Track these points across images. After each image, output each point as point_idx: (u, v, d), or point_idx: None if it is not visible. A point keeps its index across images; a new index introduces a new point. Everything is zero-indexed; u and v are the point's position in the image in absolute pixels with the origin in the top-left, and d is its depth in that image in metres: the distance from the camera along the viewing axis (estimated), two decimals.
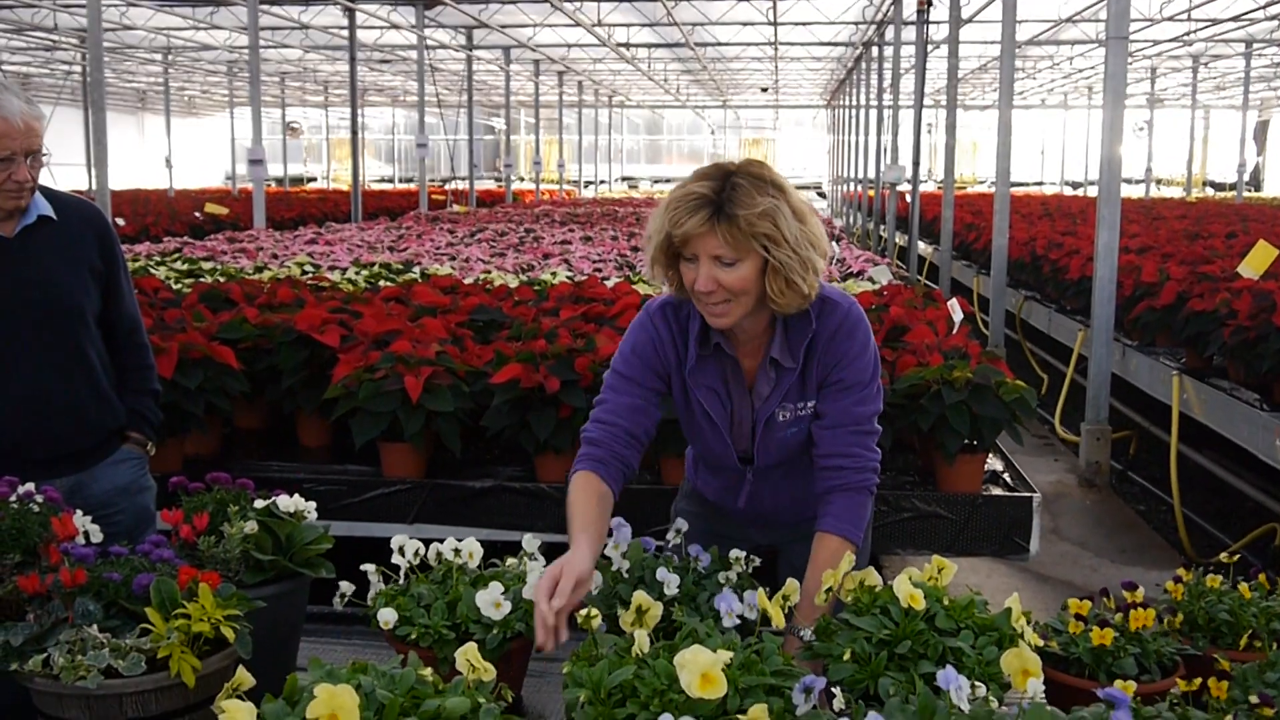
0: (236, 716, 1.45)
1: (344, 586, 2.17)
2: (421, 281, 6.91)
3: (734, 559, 2.25)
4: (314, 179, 42.70)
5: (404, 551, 2.20)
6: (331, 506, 4.29)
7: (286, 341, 4.79)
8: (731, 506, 2.50)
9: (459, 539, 2.22)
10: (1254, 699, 1.71)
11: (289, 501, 2.22)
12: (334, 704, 1.44)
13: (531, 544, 2.28)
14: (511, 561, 2.25)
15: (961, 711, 1.51)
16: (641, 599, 1.92)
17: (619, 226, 13.40)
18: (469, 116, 22.47)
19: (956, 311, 5.41)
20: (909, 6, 14.87)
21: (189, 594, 1.82)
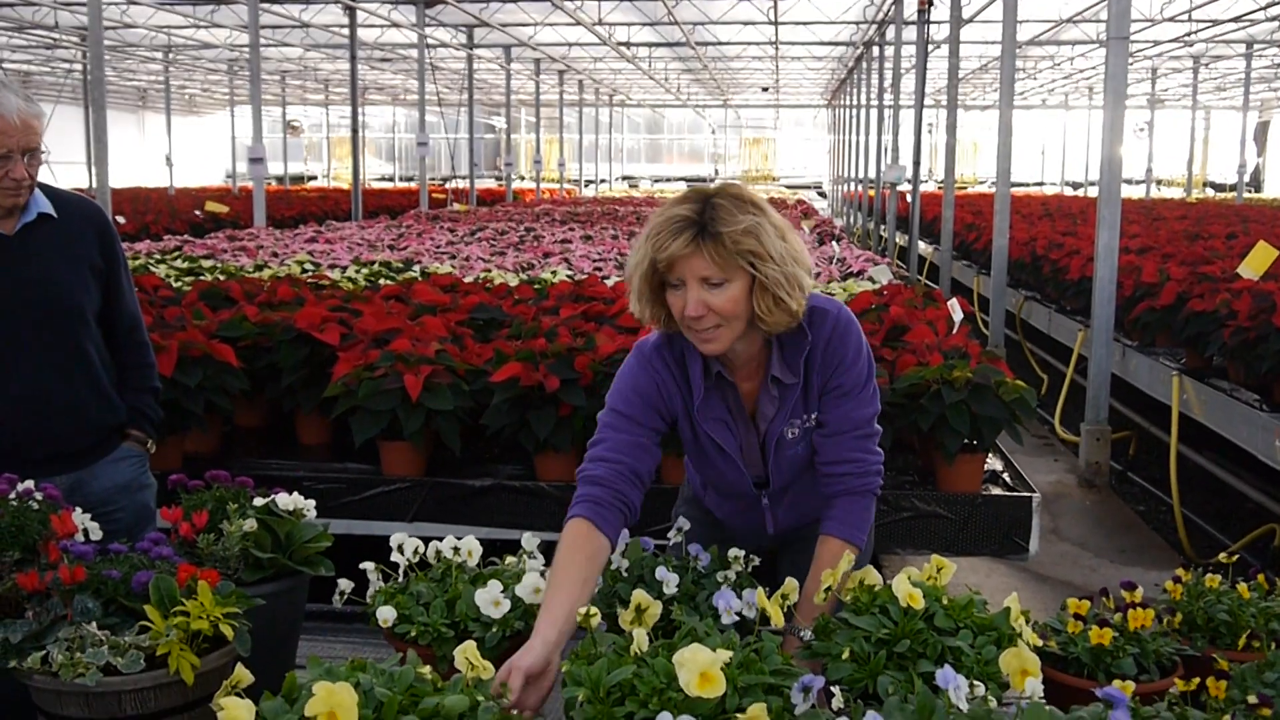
0: (235, 714, 1.45)
1: (343, 584, 2.17)
2: (421, 280, 6.90)
3: (733, 558, 2.25)
4: (314, 177, 42.69)
5: (403, 550, 2.20)
6: (331, 505, 4.30)
7: (286, 340, 4.79)
8: (745, 530, 2.48)
9: (458, 537, 2.22)
10: (1252, 699, 1.71)
11: (288, 499, 2.22)
12: (333, 702, 1.44)
13: (530, 542, 2.28)
14: (511, 560, 2.25)
15: (960, 711, 1.51)
16: (640, 598, 1.92)
17: (619, 225, 13.40)
18: (469, 115, 22.47)
19: (956, 311, 5.41)
20: (910, 6, 14.86)
21: (188, 592, 1.82)
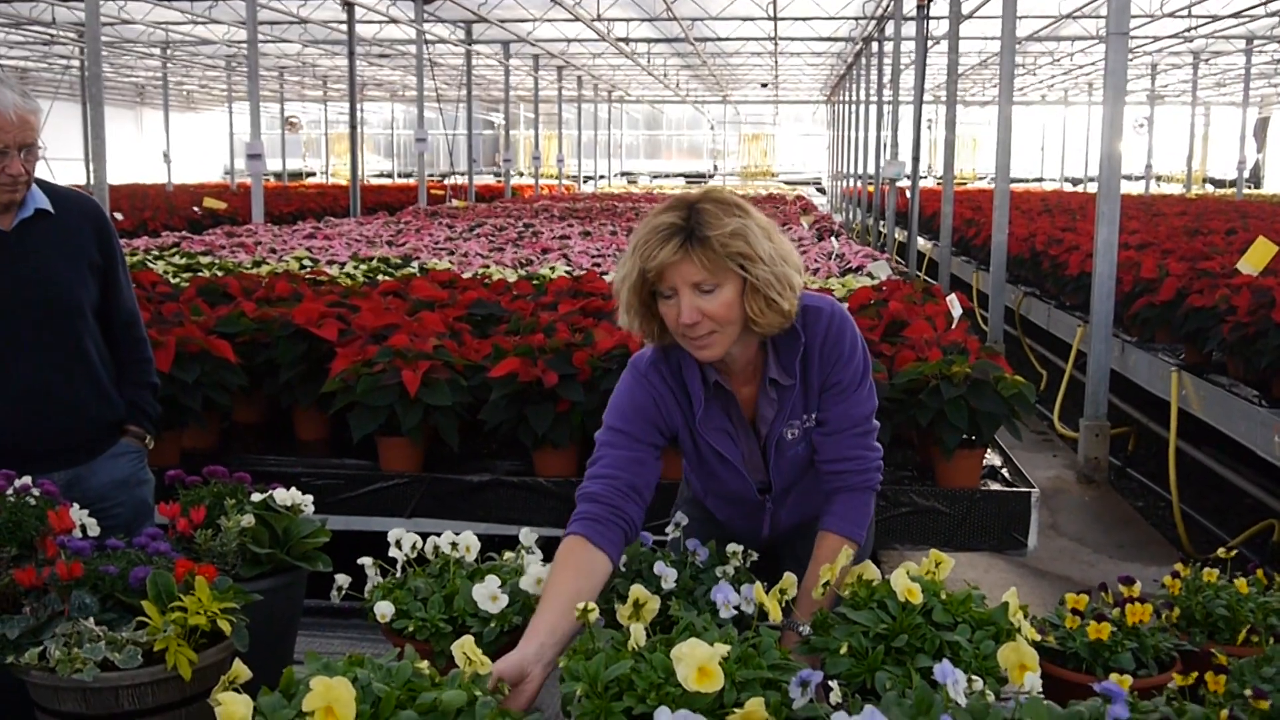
0: (233, 709, 1.45)
1: (340, 580, 2.17)
2: (420, 276, 6.90)
3: (731, 553, 2.25)
4: (313, 174, 42.70)
5: (401, 545, 2.20)
6: (329, 500, 4.29)
7: (284, 335, 4.79)
8: (747, 531, 2.47)
9: (456, 533, 2.22)
10: (1250, 694, 1.71)
11: (286, 495, 2.22)
12: (330, 697, 1.44)
13: (528, 537, 2.28)
14: (509, 555, 2.25)
15: (958, 705, 1.51)
16: (638, 593, 1.92)
17: (618, 222, 13.40)
18: (468, 111, 22.45)
19: (955, 307, 5.40)
20: (909, 2, 14.85)
21: (185, 587, 1.82)
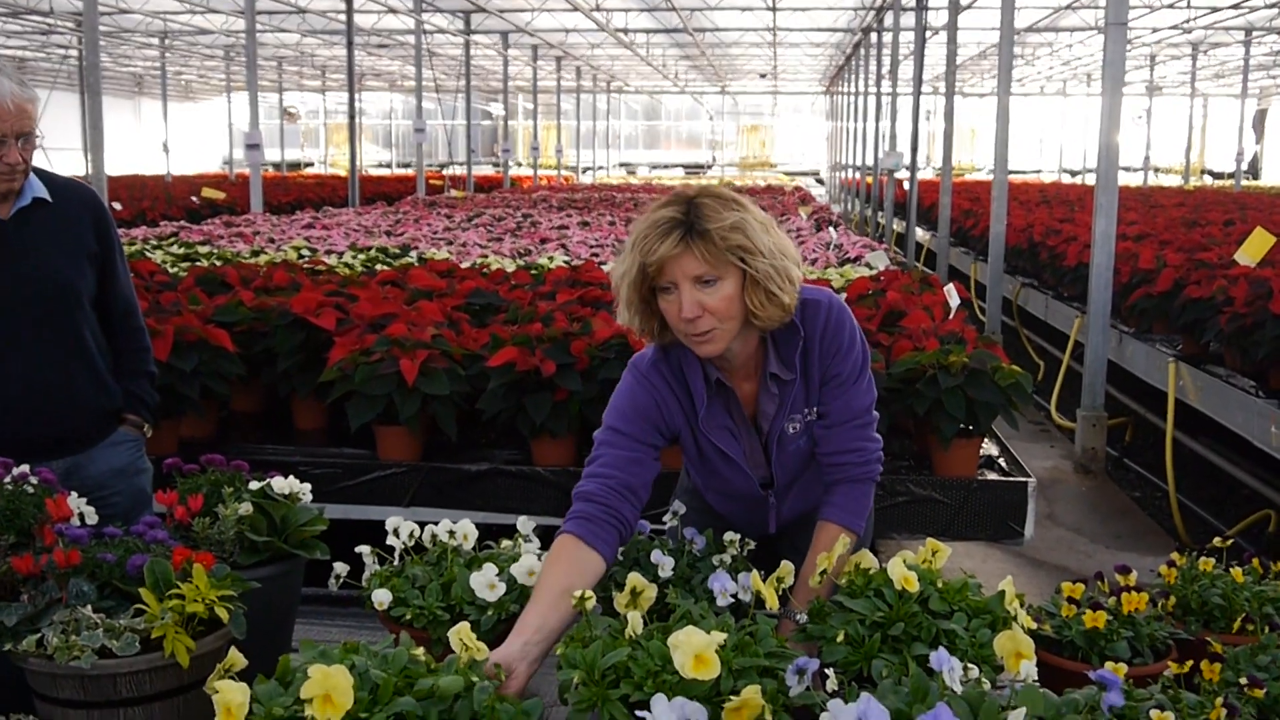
0: (230, 696, 1.45)
1: (338, 568, 2.17)
2: (418, 265, 6.90)
3: (728, 542, 2.25)
4: (311, 164, 42.62)
5: (399, 533, 2.20)
6: (327, 489, 4.30)
7: (282, 325, 4.79)
8: (749, 526, 2.47)
9: (454, 521, 2.22)
10: (1245, 682, 1.72)
11: (284, 483, 2.22)
12: (328, 684, 1.44)
13: (526, 526, 2.28)
14: (507, 544, 2.25)
15: (954, 693, 1.51)
16: (636, 581, 1.92)
17: (616, 212, 13.39)
18: (467, 102, 22.42)
19: (953, 297, 5.40)
20: None
21: (183, 575, 1.82)
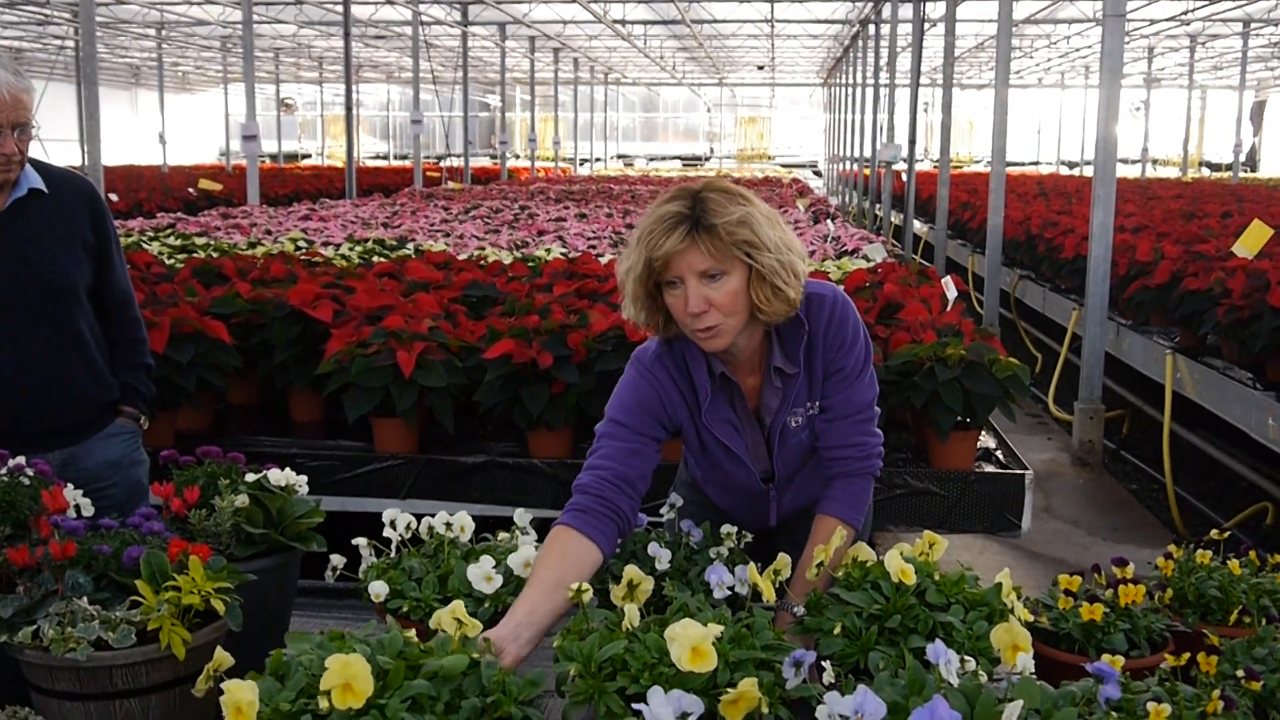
0: (239, 695, 1.44)
1: (335, 560, 2.17)
2: (415, 258, 6.89)
3: (725, 535, 2.25)
4: (308, 155, 42.57)
5: (396, 525, 2.20)
6: (324, 482, 4.30)
7: (279, 316, 4.78)
8: (749, 520, 2.46)
9: (451, 514, 2.22)
10: (1242, 674, 1.72)
11: (280, 475, 2.21)
12: (347, 674, 1.44)
13: (523, 518, 2.28)
14: (504, 536, 2.25)
15: (950, 685, 1.51)
16: (633, 573, 1.92)
17: (614, 204, 13.39)
18: (464, 93, 22.38)
19: (950, 289, 5.40)
20: None
21: (179, 567, 1.82)
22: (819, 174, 40.52)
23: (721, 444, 2.28)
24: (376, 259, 7.09)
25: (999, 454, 4.53)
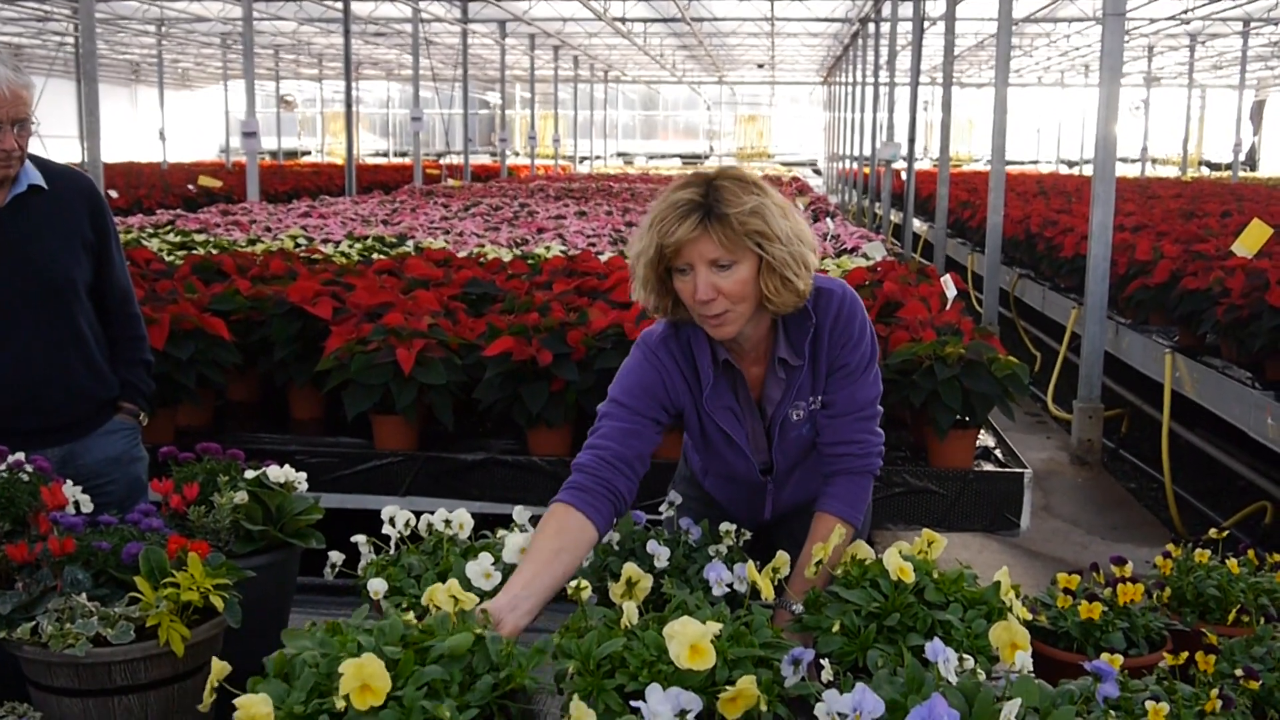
0: (254, 709, 1.43)
1: (334, 556, 2.17)
2: (415, 255, 6.89)
3: (724, 532, 2.25)
4: (308, 152, 42.57)
5: (395, 522, 2.20)
6: (323, 479, 4.30)
7: (279, 313, 4.78)
8: (746, 513, 2.46)
9: (450, 511, 2.22)
10: (1240, 673, 1.72)
11: (279, 472, 2.21)
12: (363, 675, 1.44)
13: (522, 516, 2.28)
14: (503, 533, 2.25)
15: (949, 684, 1.51)
16: (631, 571, 1.92)
17: (613, 202, 13.38)
18: (464, 91, 22.35)
19: (950, 288, 5.40)
20: None
21: (178, 563, 1.82)
22: (819, 172, 40.50)
23: (722, 431, 2.28)
24: (376, 256, 7.09)
25: (998, 453, 4.53)
